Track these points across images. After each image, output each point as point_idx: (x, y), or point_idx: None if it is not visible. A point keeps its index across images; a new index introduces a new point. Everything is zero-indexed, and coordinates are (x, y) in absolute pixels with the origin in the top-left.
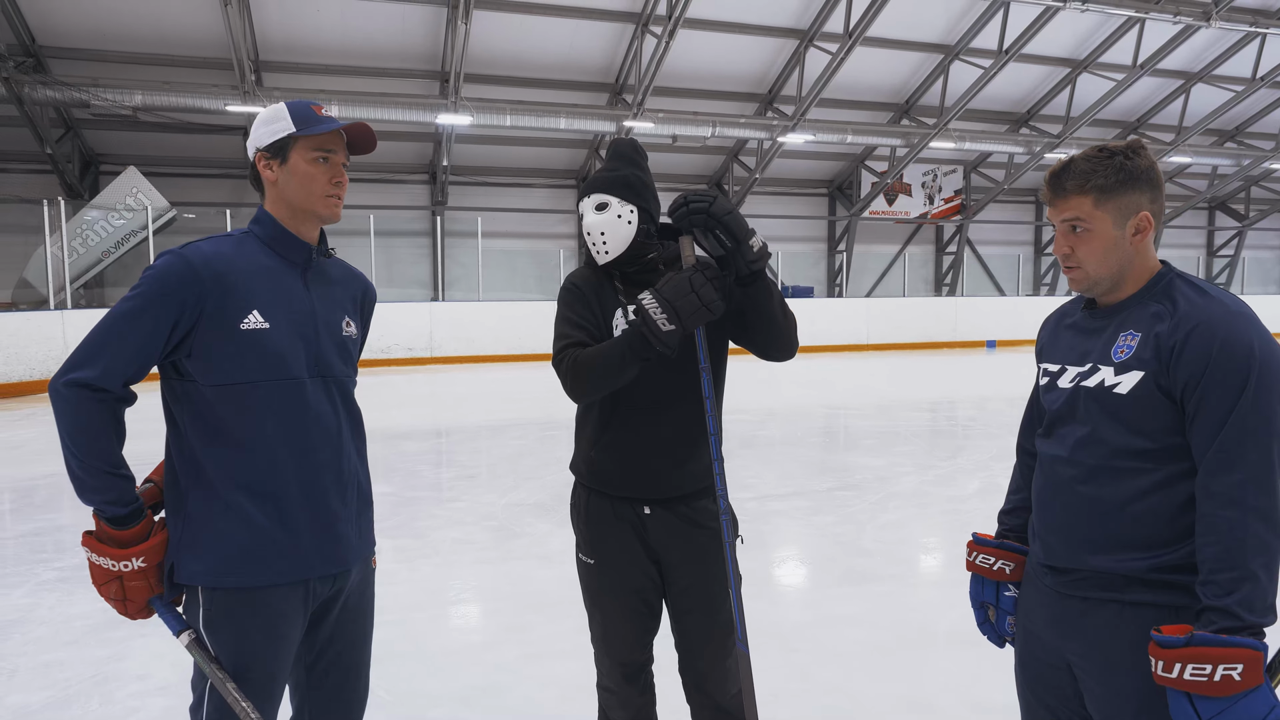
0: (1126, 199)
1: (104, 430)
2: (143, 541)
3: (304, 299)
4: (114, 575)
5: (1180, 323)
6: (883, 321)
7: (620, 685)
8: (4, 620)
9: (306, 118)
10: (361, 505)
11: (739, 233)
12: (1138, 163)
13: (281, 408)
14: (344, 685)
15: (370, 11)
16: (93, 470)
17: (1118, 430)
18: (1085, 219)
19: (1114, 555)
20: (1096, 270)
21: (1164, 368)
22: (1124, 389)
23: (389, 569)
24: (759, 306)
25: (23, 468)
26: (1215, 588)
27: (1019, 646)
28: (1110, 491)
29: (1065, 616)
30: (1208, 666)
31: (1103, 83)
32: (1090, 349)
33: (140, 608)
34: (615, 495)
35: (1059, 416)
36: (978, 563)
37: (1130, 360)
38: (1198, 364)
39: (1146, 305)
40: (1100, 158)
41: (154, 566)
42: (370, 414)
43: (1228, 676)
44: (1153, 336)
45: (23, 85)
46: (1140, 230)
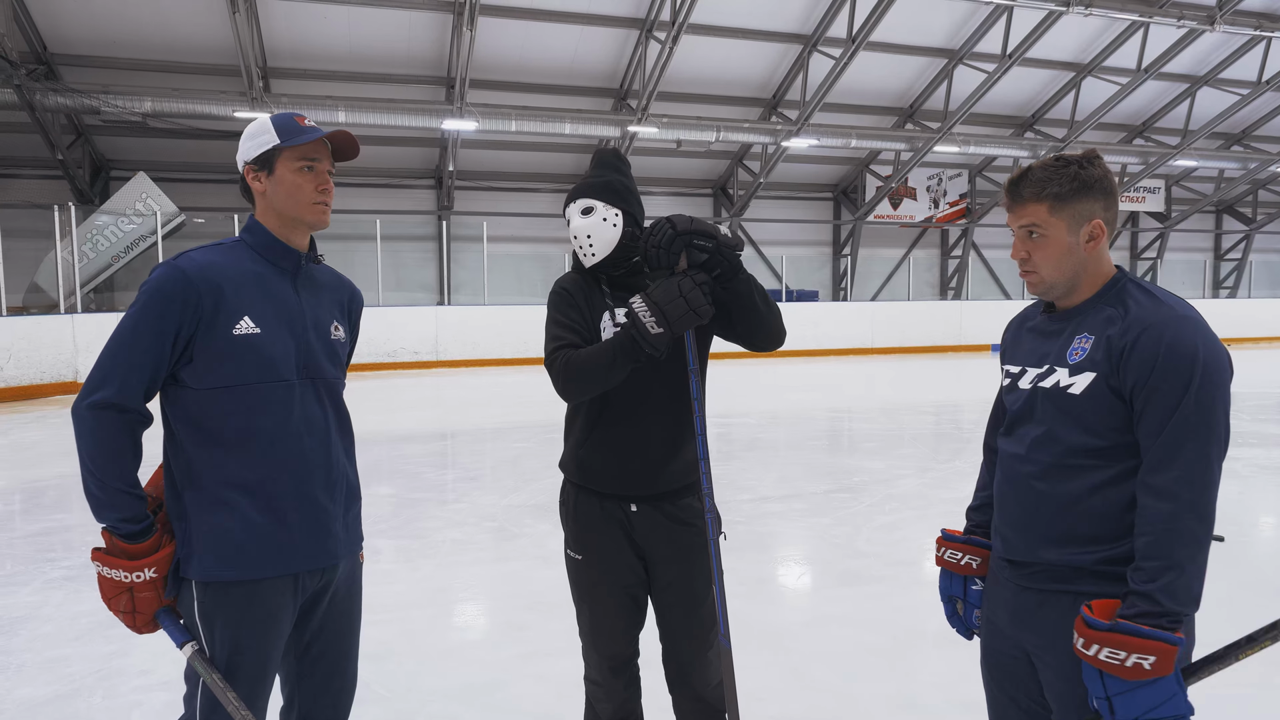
0: (1080, 207)
1: (124, 450)
2: (154, 553)
3: (294, 304)
4: (125, 588)
5: (1130, 326)
6: (887, 325)
7: (606, 678)
8: (12, 617)
9: (290, 129)
10: (349, 502)
11: (711, 233)
12: (1092, 172)
13: (272, 409)
14: (333, 674)
15: (376, 18)
16: (111, 490)
17: (1071, 429)
18: (1041, 225)
19: (1067, 549)
20: (1052, 275)
21: (1114, 369)
22: (1077, 389)
23: (389, 569)
24: (741, 298)
25: (33, 469)
26: (1142, 574)
27: (983, 639)
28: (1064, 488)
29: (1023, 609)
30: (1123, 653)
31: (1108, 86)
32: (1048, 351)
33: (148, 620)
34: (602, 493)
35: (1018, 416)
36: (945, 558)
37: (1083, 362)
38: (1145, 365)
39: (1100, 309)
40: (1056, 166)
41: (163, 578)
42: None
43: (1138, 664)
44: (1104, 339)
45: (34, 92)
46: (1093, 237)
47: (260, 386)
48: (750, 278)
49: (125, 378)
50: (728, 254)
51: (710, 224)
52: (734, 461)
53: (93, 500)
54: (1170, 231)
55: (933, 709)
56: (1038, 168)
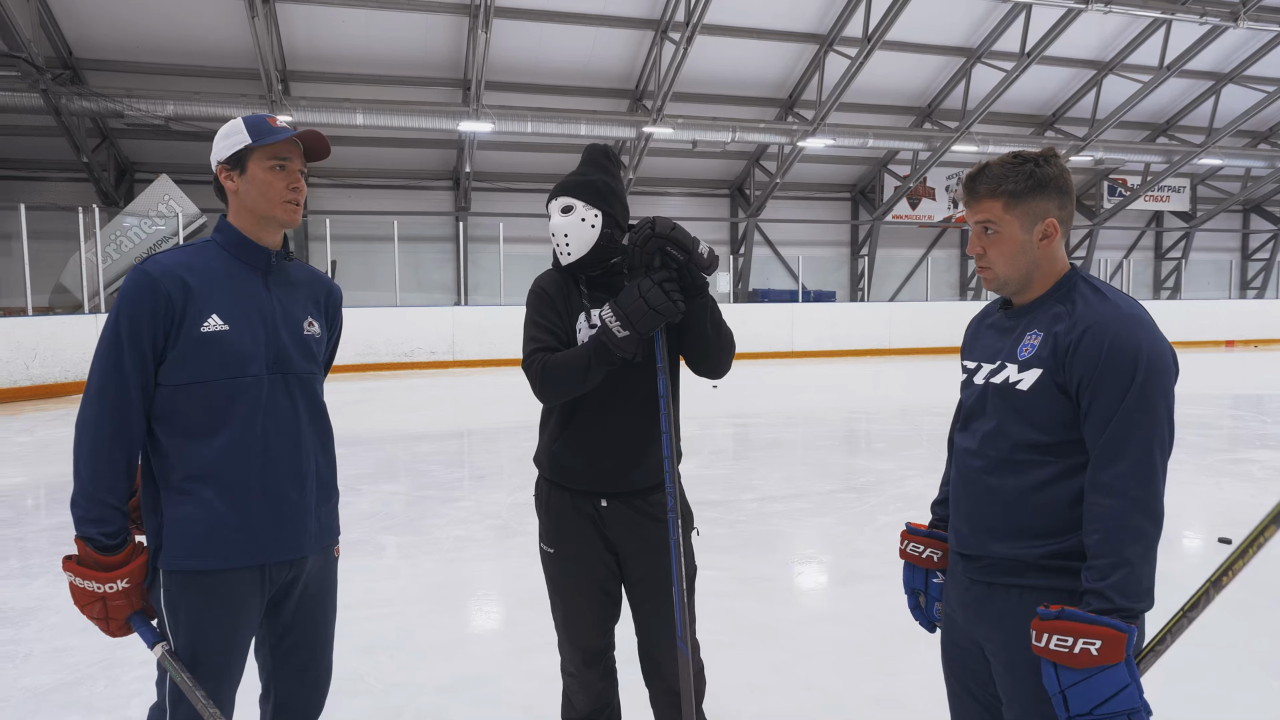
0: (1034, 205)
1: (118, 468)
2: (128, 564)
3: (264, 301)
4: (97, 597)
5: (1076, 323)
6: (905, 326)
7: (581, 670)
8: (23, 608)
9: (261, 129)
10: (322, 496)
11: (686, 244)
12: (1047, 170)
13: (240, 403)
14: (307, 665)
15: (393, 22)
16: (101, 504)
17: (1019, 424)
18: (995, 222)
19: (1015, 543)
20: (1005, 271)
21: (1060, 365)
22: (1025, 385)
23: (391, 564)
24: (694, 320)
25: (53, 465)
26: (1094, 572)
27: (942, 632)
28: (1012, 482)
29: (974, 601)
30: (1070, 639)
31: (1129, 84)
32: (1001, 347)
33: (121, 624)
34: (574, 489)
35: (971, 412)
36: (908, 551)
37: (1032, 358)
38: (1089, 362)
39: (1050, 306)
40: (1013, 164)
41: (135, 586)
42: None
43: (1086, 650)
44: (1051, 336)
45: (60, 96)
46: (1047, 235)
47: (228, 382)
48: (711, 304)
49: (119, 403)
50: (693, 272)
51: (692, 239)
52: (742, 461)
53: (78, 511)
54: (1195, 231)
55: (918, 708)
56: (995, 164)
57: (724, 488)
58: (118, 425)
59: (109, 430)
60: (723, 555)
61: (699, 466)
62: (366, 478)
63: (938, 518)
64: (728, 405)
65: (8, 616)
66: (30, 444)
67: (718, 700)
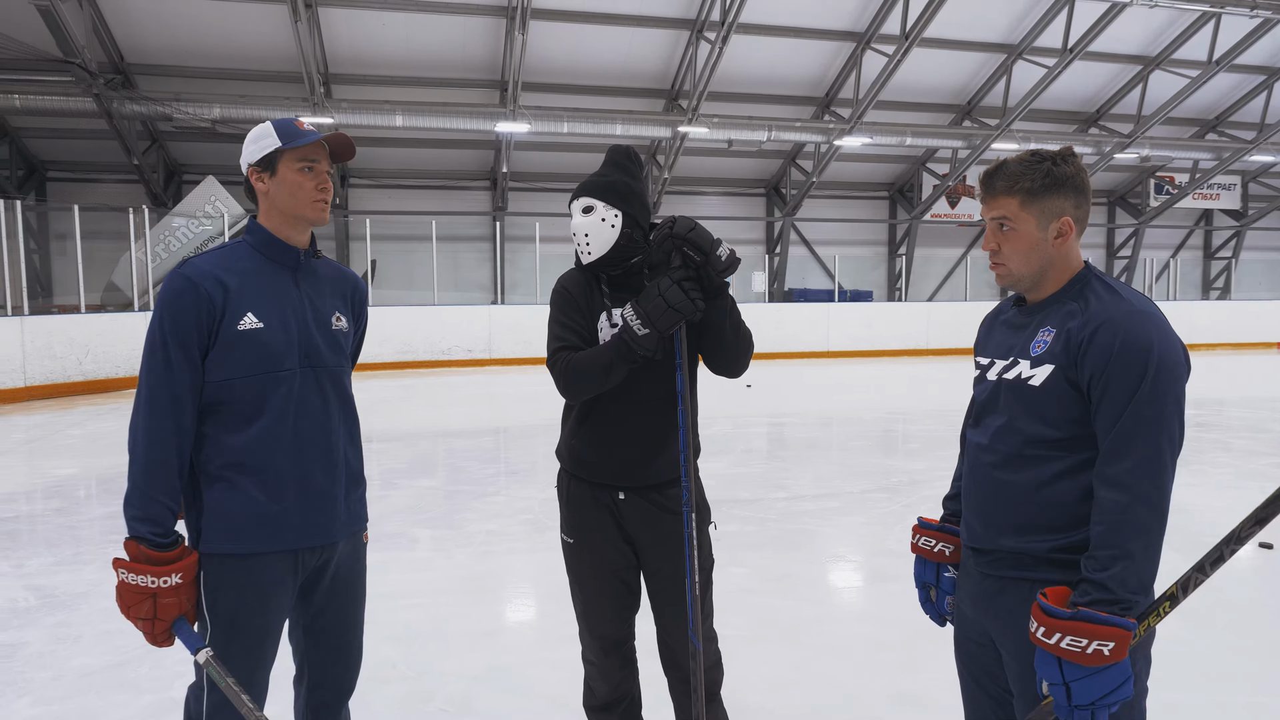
0: (1050, 203)
1: (171, 468)
2: (181, 560)
3: (295, 298)
4: (149, 594)
5: (1089, 319)
6: (944, 326)
7: (600, 658)
8: (75, 593)
9: (290, 132)
10: (350, 484)
11: (704, 245)
12: (1064, 169)
13: (274, 397)
14: (338, 648)
15: (433, 24)
16: (156, 504)
17: (1030, 420)
18: (1011, 219)
19: (1025, 537)
20: (1019, 268)
21: (1072, 362)
22: (1037, 381)
23: (425, 556)
24: (712, 320)
25: (106, 457)
26: (1095, 562)
27: (955, 625)
28: (1022, 477)
29: (986, 595)
30: (1084, 640)
31: (1177, 80)
32: (1015, 344)
33: (165, 628)
34: (593, 481)
35: (984, 407)
36: (920, 544)
37: (1044, 355)
38: (1101, 358)
39: (1063, 303)
40: (1030, 161)
41: (187, 585)
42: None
43: (1099, 651)
44: (1064, 332)
45: (112, 101)
46: (1062, 234)
47: (263, 376)
48: (731, 305)
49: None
50: (711, 274)
51: (711, 241)
52: (774, 460)
53: (131, 510)
54: (1246, 230)
55: (939, 706)
56: (1012, 161)
57: (755, 486)
58: (170, 427)
59: (161, 432)
60: (750, 552)
61: (731, 465)
62: (403, 473)
63: (949, 512)
64: (762, 405)
65: (60, 601)
66: (82, 437)
67: (739, 695)
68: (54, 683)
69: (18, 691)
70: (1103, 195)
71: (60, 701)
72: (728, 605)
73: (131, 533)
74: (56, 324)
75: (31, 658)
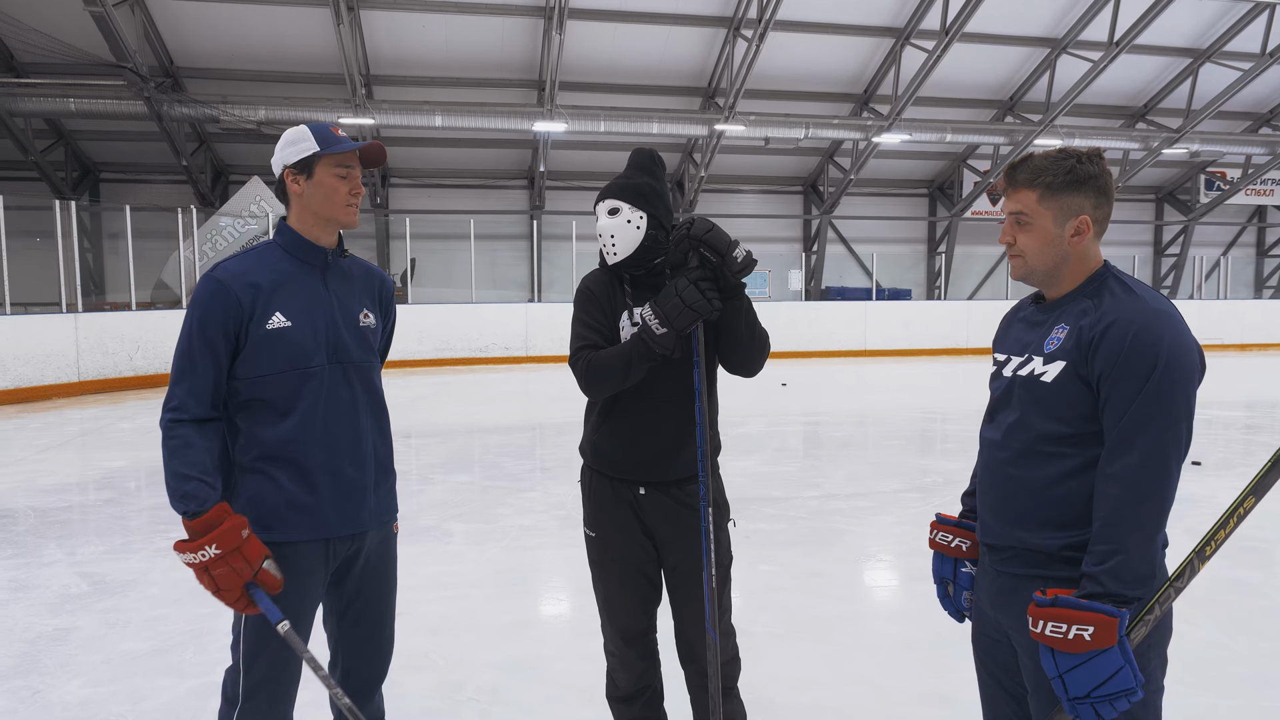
0: (1070, 200)
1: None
2: (212, 529)
3: (323, 297)
4: (200, 568)
5: (1102, 317)
6: (984, 325)
7: (621, 650)
8: (124, 580)
9: (328, 138)
10: (380, 475)
11: (720, 247)
12: (1088, 169)
13: (304, 392)
14: (370, 636)
15: (472, 25)
16: (182, 478)
17: (1042, 416)
18: (1029, 213)
19: (1037, 533)
20: (1034, 262)
21: (1083, 358)
22: (1049, 377)
23: (459, 550)
24: (728, 321)
25: (155, 450)
26: (1093, 557)
27: (973, 622)
28: (1034, 473)
29: (1001, 593)
30: (1064, 626)
31: (1228, 73)
32: (1030, 341)
33: (236, 595)
34: (614, 476)
35: (998, 403)
36: (937, 540)
37: (1056, 351)
38: (1111, 355)
39: (1079, 302)
40: (1055, 158)
41: (233, 552)
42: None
43: (1079, 636)
44: (1077, 329)
45: (162, 104)
46: (1079, 232)
47: (293, 373)
48: (747, 306)
49: (192, 394)
50: (727, 275)
51: (727, 242)
52: (808, 459)
53: (170, 491)
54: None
55: (970, 705)
56: (1039, 156)
57: (787, 485)
58: (189, 413)
59: (183, 417)
60: (780, 550)
61: (763, 463)
62: (439, 468)
63: (967, 508)
64: (798, 404)
65: (109, 588)
66: (132, 430)
67: (766, 691)
68: (103, 665)
69: (70, 673)
70: (1150, 191)
71: (109, 684)
72: (757, 602)
73: (176, 510)
74: (109, 321)
75: (83, 641)
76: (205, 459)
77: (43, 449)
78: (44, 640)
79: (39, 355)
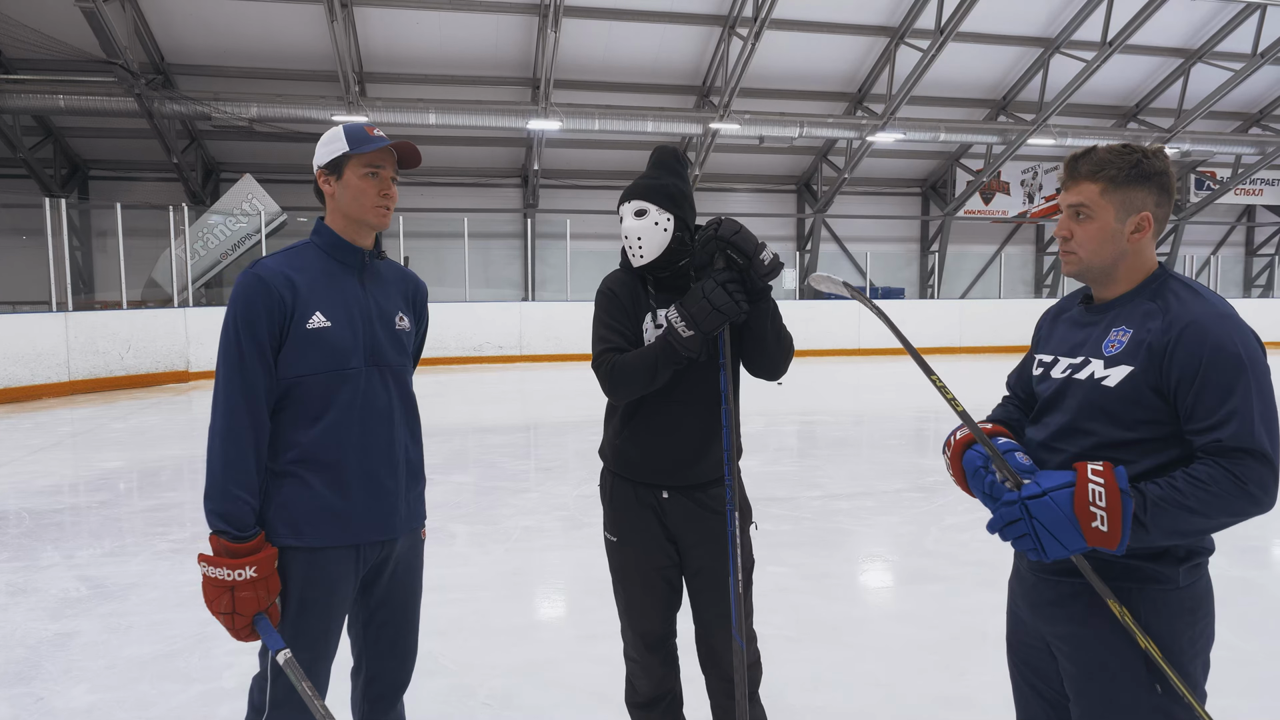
0: (1133, 195)
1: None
2: (256, 553)
3: (360, 298)
4: (227, 586)
5: (1172, 323)
6: (977, 324)
7: (642, 655)
8: (124, 583)
9: (359, 138)
10: (411, 481)
11: (747, 249)
12: (1154, 164)
13: (341, 394)
14: (396, 642)
15: (466, 23)
16: (233, 499)
17: (1101, 421)
18: (1090, 205)
19: None
20: (1090, 257)
21: (1155, 365)
22: (1111, 382)
23: (463, 551)
24: (755, 324)
25: (148, 451)
26: (1156, 487)
27: (1008, 630)
28: None
29: (1043, 601)
30: (1103, 505)
31: (1219, 73)
32: (1082, 342)
33: (247, 623)
34: (637, 480)
35: (1048, 404)
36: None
37: (1120, 355)
38: (1191, 363)
39: (1139, 303)
40: (1120, 152)
41: (264, 580)
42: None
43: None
44: (1144, 334)
45: (152, 100)
46: (1140, 229)
47: (331, 374)
48: (773, 309)
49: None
50: (754, 278)
51: (755, 244)
52: (807, 458)
53: (210, 504)
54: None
55: (986, 707)
56: (1103, 149)
57: (789, 484)
58: (246, 423)
59: (238, 428)
60: (787, 551)
61: (763, 463)
62: (438, 468)
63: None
64: (794, 402)
65: (110, 592)
66: (125, 430)
67: (780, 694)
68: (108, 671)
69: (74, 679)
70: None
71: (115, 689)
72: (768, 604)
73: (212, 527)
74: (99, 319)
75: (85, 646)
76: (256, 480)
77: (35, 450)
78: (46, 646)
79: (29, 355)
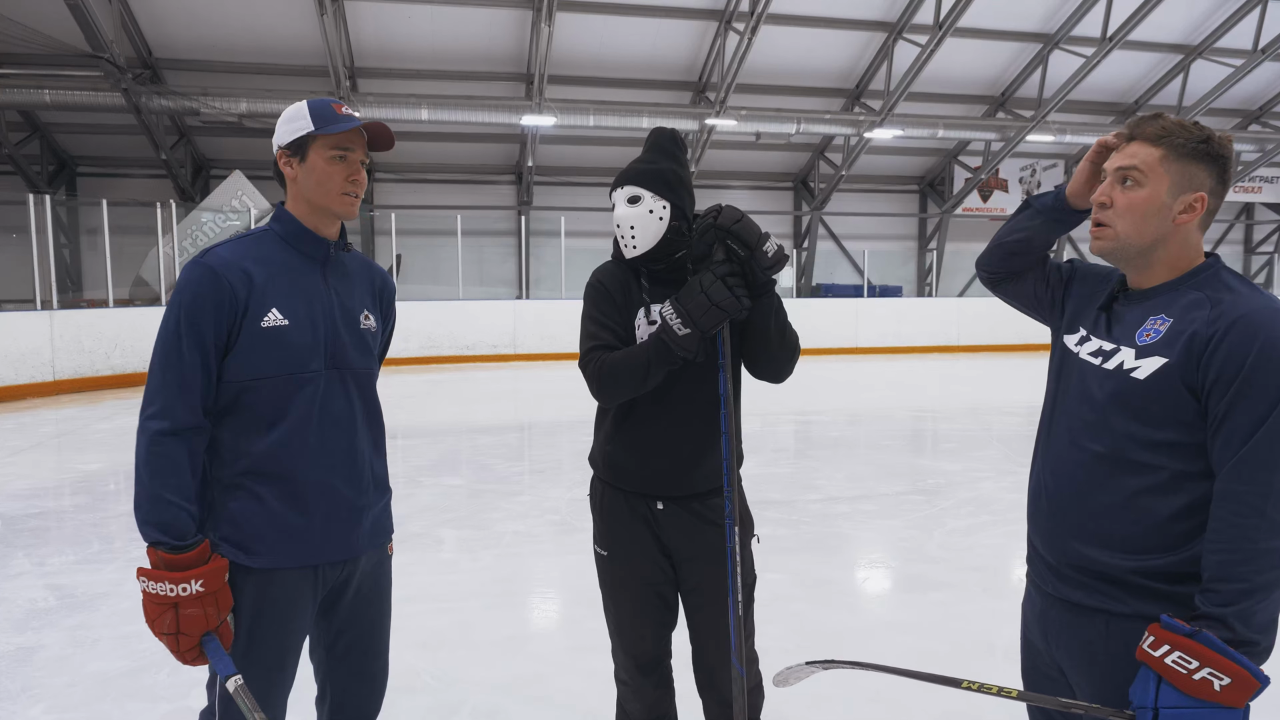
0: (1194, 172)
1: (181, 466)
2: (201, 565)
3: (323, 294)
4: (170, 603)
5: (1221, 315)
6: (975, 322)
7: (634, 677)
8: (94, 594)
9: (325, 116)
10: (376, 495)
11: (749, 239)
12: (1220, 148)
13: (298, 400)
14: (363, 666)
15: (459, 17)
16: (164, 504)
17: (1126, 417)
18: (1144, 170)
19: (1102, 550)
20: (1128, 231)
21: (1193, 359)
22: (1142, 374)
23: (451, 558)
24: (757, 320)
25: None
26: (1217, 597)
27: (1022, 657)
28: (1110, 481)
29: (1055, 629)
30: (1195, 662)
31: (1219, 69)
32: (1114, 326)
33: (192, 645)
34: (629, 490)
35: (1067, 390)
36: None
37: (1155, 344)
38: (1235, 360)
39: (1184, 292)
40: (1189, 126)
41: (212, 595)
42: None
43: (1208, 682)
44: (1186, 324)
45: (140, 96)
46: (1190, 210)
47: (287, 378)
48: (778, 305)
49: (179, 398)
50: (757, 270)
51: (757, 235)
52: (804, 460)
53: (140, 514)
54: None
55: None
56: (1171, 120)
57: (786, 487)
58: (178, 421)
59: (169, 426)
60: (785, 557)
61: (760, 465)
62: (428, 470)
63: None
64: (790, 402)
65: (80, 601)
66: (110, 431)
67: (779, 709)
68: (70, 689)
69: (33, 698)
70: None
71: (75, 709)
72: (766, 614)
73: (147, 539)
74: (85, 318)
75: (48, 662)
76: (190, 482)
77: (15, 451)
78: (6, 661)
79: (13, 353)
